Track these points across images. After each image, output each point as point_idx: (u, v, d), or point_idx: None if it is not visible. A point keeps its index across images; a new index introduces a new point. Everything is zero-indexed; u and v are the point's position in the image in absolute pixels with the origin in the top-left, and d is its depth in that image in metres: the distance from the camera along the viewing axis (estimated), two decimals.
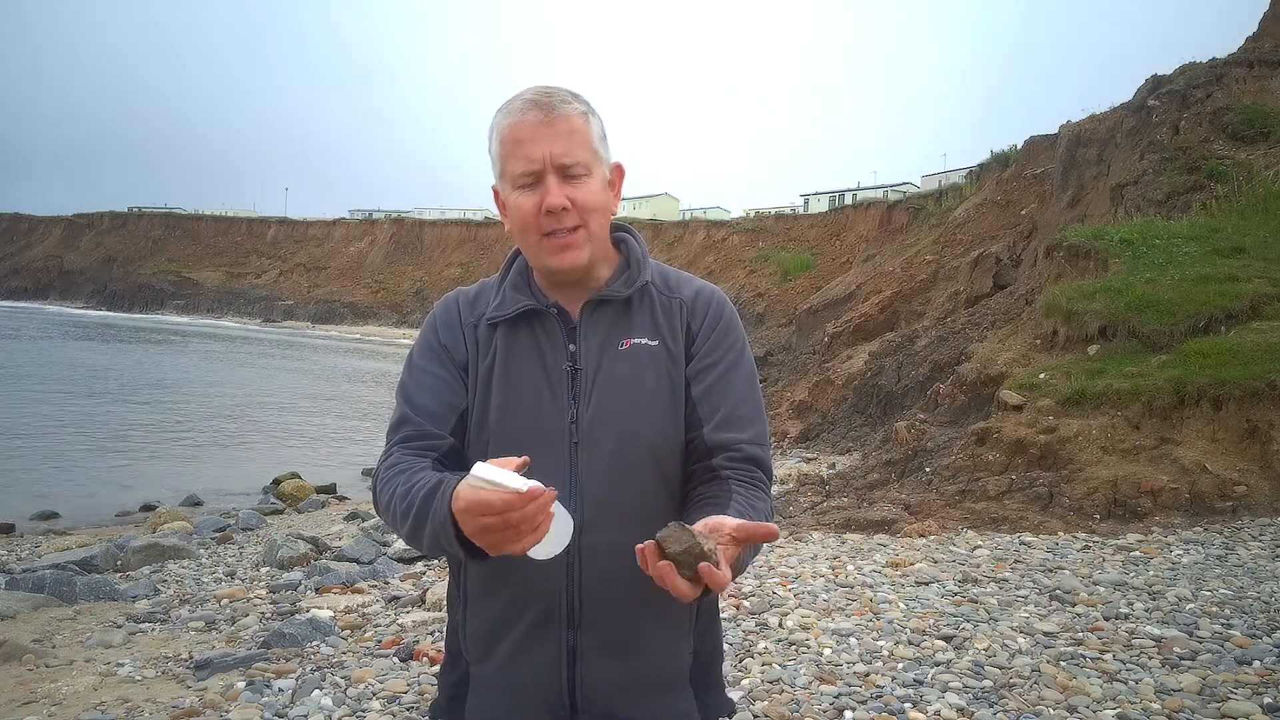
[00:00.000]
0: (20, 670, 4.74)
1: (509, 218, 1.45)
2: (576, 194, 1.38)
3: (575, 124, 1.39)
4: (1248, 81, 14.97)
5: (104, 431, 18.04)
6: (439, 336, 1.51)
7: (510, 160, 1.40)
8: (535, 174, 1.38)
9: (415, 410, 1.45)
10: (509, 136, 1.39)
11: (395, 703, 3.88)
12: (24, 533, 10.32)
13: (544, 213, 1.38)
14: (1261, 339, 8.42)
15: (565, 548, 1.22)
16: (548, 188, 1.37)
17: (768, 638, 4.48)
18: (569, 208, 1.38)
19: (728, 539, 1.18)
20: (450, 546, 1.24)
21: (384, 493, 1.38)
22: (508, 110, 1.41)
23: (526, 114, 1.38)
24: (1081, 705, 3.58)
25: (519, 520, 1.13)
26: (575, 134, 1.39)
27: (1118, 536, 6.49)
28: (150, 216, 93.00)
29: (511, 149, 1.39)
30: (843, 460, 12.04)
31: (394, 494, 1.35)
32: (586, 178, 1.40)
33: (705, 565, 1.11)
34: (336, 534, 9.34)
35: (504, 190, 1.44)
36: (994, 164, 26.10)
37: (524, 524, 1.13)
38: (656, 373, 1.45)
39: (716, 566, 1.12)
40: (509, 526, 1.13)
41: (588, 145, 1.40)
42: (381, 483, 1.41)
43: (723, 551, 1.15)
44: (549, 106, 1.38)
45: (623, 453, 1.40)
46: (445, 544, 1.25)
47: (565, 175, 1.38)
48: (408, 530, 1.32)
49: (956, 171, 39.95)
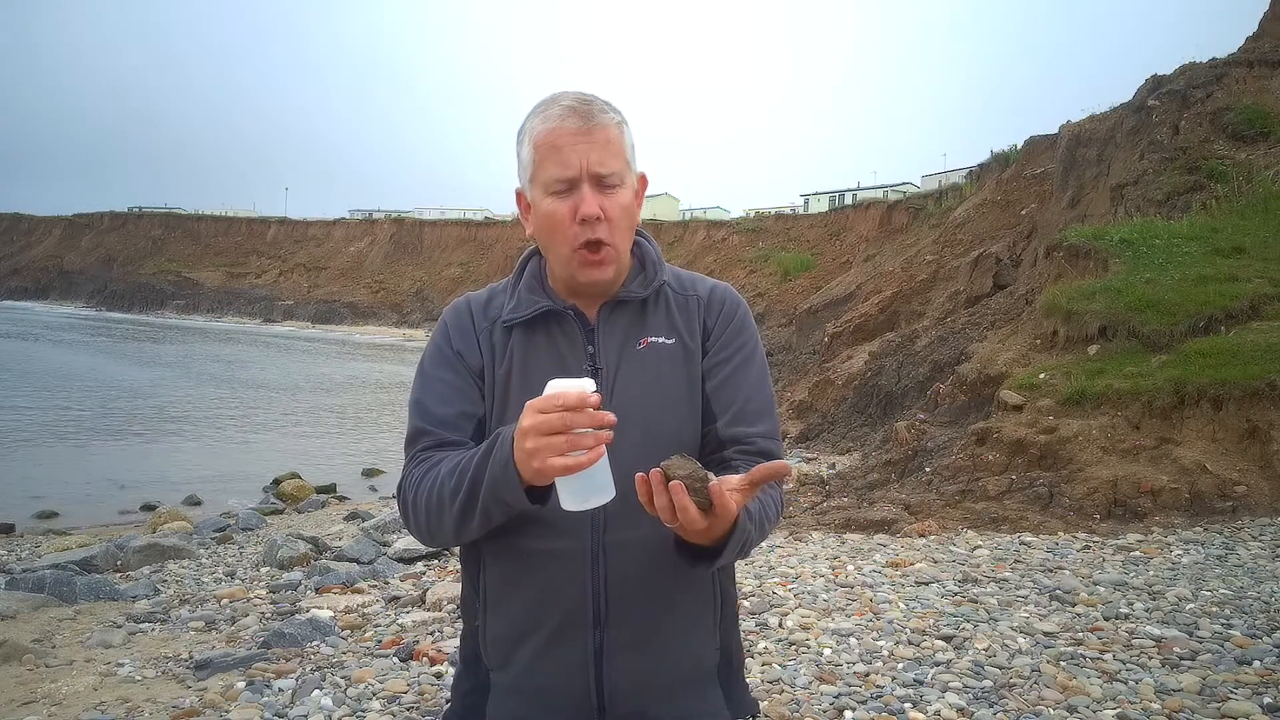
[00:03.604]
0: (20, 670, 4.74)
1: (537, 223, 1.44)
2: (609, 204, 1.39)
3: (612, 134, 1.39)
4: (1248, 81, 14.96)
5: (104, 431, 18.05)
6: (451, 343, 1.50)
7: (545, 166, 1.38)
8: (570, 180, 1.37)
9: (431, 421, 1.44)
10: (545, 142, 1.38)
11: (395, 703, 3.88)
12: (24, 533, 10.33)
13: (578, 221, 1.37)
14: (1261, 339, 8.41)
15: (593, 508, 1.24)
16: (583, 196, 1.37)
17: (768, 638, 4.48)
18: (602, 218, 1.38)
19: (737, 485, 1.21)
20: (511, 490, 1.24)
21: (422, 486, 1.37)
22: (545, 115, 1.39)
23: (565, 120, 1.37)
24: (1081, 705, 3.57)
25: (586, 423, 1.15)
26: (611, 144, 1.39)
27: (1118, 536, 6.49)
28: (150, 216, 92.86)
29: (547, 154, 1.38)
30: (843, 460, 12.04)
31: (438, 479, 1.35)
32: (620, 188, 1.40)
33: (714, 486, 1.15)
34: (336, 534, 9.34)
35: (533, 195, 1.43)
36: (994, 164, 26.09)
37: (585, 434, 1.16)
38: (674, 370, 1.46)
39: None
40: (571, 432, 1.15)
41: (621, 156, 1.41)
42: (413, 483, 1.39)
43: (731, 495, 1.19)
44: (588, 115, 1.38)
45: (644, 451, 1.39)
46: (506, 490, 1.25)
47: (600, 185, 1.38)
48: (460, 503, 1.30)
49: (956, 171, 39.97)
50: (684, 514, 1.15)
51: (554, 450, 1.16)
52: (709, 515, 1.17)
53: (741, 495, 1.21)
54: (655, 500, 1.17)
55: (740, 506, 1.21)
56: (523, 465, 1.20)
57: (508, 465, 1.23)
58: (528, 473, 1.21)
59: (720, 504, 1.16)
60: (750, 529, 1.29)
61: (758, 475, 1.21)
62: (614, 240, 1.41)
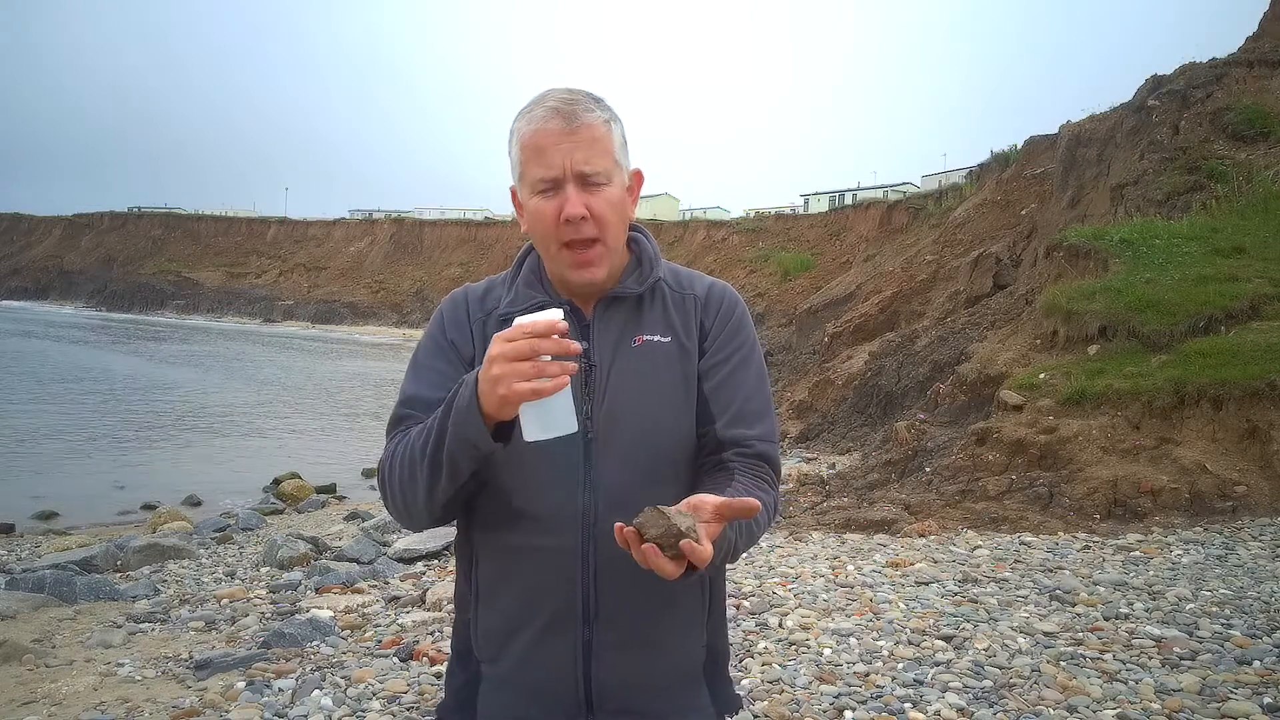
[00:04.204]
0: (20, 670, 4.74)
1: (528, 222, 1.45)
2: (595, 203, 1.39)
3: (597, 132, 1.39)
4: (1248, 81, 14.96)
5: (104, 431, 18.05)
6: (445, 333, 1.51)
7: (530, 166, 1.40)
8: (555, 181, 1.38)
9: (416, 405, 1.44)
10: (530, 143, 1.39)
11: (395, 703, 3.88)
12: (24, 533, 10.33)
13: (563, 221, 1.38)
14: (1261, 339, 8.41)
15: (560, 437, 1.25)
16: (567, 196, 1.38)
17: (768, 638, 4.48)
18: (587, 217, 1.38)
19: (710, 516, 1.20)
20: (475, 429, 1.25)
21: (396, 455, 1.38)
22: (529, 116, 1.40)
23: (549, 121, 1.38)
24: (1081, 705, 3.58)
25: (552, 349, 1.18)
26: (597, 143, 1.39)
27: (1118, 536, 6.49)
28: (150, 216, 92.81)
29: (532, 156, 1.39)
30: (843, 460, 12.04)
31: (409, 441, 1.36)
32: (606, 186, 1.40)
33: (686, 542, 1.14)
34: (336, 534, 9.34)
35: (523, 194, 1.44)
36: (994, 164, 26.09)
37: (550, 361, 1.18)
38: (669, 369, 1.46)
39: (697, 543, 1.15)
40: (537, 358, 1.18)
41: (609, 153, 1.41)
42: (387, 456, 1.40)
43: (704, 529, 1.18)
44: (571, 115, 1.38)
45: (637, 448, 1.40)
46: (469, 429, 1.25)
47: (585, 183, 1.38)
48: (429, 457, 1.31)
49: (956, 171, 39.96)
50: (658, 570, 1.16)
51: (519, 375, 1.18)
52: (683, 563, 1.17)
53: (715, 526, 1.20)
54: (631, 552, 1.17)
55: (714, 538, 1.20)
56: (487, 397, 1.22)
57: (471, 402, 1.24)
58: (492, 403, 1.22)
59: (694, 560, 1.15)
60: (734, 539, 1.28)
61: (726, 512, 1.21)
62: (604, 236, 1.41)
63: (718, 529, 1.20)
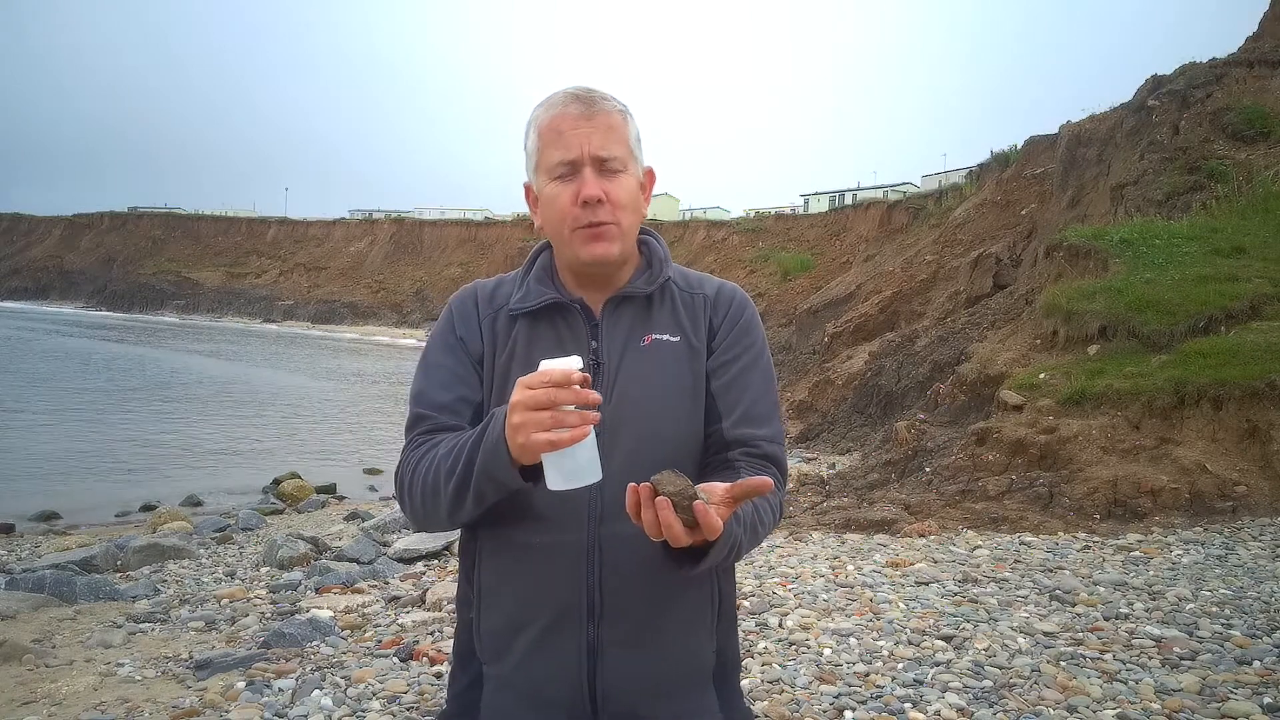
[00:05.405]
0: (20, 670, 4.73)
1: (542, 210, 1.45)
2: (612, 188, 1.40)
3: (614, 120, 1.42)
4: (1248, 81, 14.96)
5: (104, 431, 18.05)
6: (455, 329, 1.51)
7: (548, 150, 1.41)
8: (572, 164, 1.39)
9: (430, 406, 1.45)
10: (548, 127, 1.41)
11: (395, 703, 3.88)
12: (24, 533, 10.33)
13: (580, 203, 1.38)
14: (1261, 339, 8.41)
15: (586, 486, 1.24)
16: (584, 179, 1.38)
17: (768, 638, 4.48)
18: (604, 200, 1.39)
19: (721, 499, 1.20)
20: (502, 468, 1.25)
21: (419, 469, 1.37)
22: (548, 104, 1.43)
23: (568, 106, 1.40)
24: (1081, 705, 3.57)
25: (570, 399, 1.17)
26: (614, 130, 1.41)
27: (1118, 536, 6.49)
28: (150, 216, 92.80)
29: (551, 139, 1.40)
30: (843, 460, 12.05)
31: (434, 460, 1.35)
32: (622, 174, 1.41)
33: (699, 504, 1.14)
34: (336, 534, 9.34)
35: (538, 183, 1.45)
36: (994, 164, 26.09)
37: (570, 411, 1.17)
38: (678, 368, 1.46)
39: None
40: (556, 408, 1.17)
41: (625, 143, 1.42)
42: (410, 466, 1.40)
43: (715, 509, 1.18)
44: (590, 101, 1.40)
45: (644, 447, 1.40)
46: (497, 467, 1.25)
47: (602, 169, 1.39)
48: (455, 483, 1.31)
49: (956, 171, 39.92)
50: (668, 530, 1.14)
51: (538, 425, 1.18)
52: (693, 533, 1.16)
53: (725, 509, 1.20)
54: (642, 513, 1.17)
55: (725, 520, 1.19)
56: (510, 441, 1.22)
57: (499, 442, 1.24)
58: (515, 448, 1.22)
59: (705, 524, 1.14)
60: (739, 535, 1.27)
61: (739, 490, 1.20)
62: (619, 222, 1.41)
63: (727, 513, 1.20)
